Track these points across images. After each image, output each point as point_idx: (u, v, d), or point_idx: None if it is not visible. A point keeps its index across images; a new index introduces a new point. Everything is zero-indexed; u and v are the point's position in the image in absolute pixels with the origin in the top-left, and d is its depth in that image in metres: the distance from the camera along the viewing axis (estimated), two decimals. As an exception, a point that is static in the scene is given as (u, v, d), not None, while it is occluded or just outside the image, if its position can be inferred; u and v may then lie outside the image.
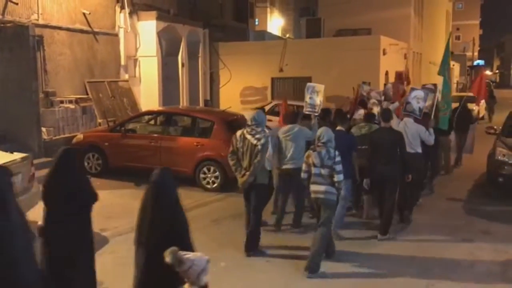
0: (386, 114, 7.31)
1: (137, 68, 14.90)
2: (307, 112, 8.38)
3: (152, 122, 11.25)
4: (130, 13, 14.35)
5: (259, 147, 6.14)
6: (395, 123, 7.72)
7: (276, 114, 15.49)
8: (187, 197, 5.10)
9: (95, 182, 9.78)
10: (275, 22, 26.16)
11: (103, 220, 7.63)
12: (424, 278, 5.79)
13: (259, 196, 6.36)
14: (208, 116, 10.25)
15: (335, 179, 5.75)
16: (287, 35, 24.96)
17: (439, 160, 10.42)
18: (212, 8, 19.13)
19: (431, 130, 7.97)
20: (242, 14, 21.82)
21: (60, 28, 12.23)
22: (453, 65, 41.23)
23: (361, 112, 9.05)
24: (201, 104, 16.81)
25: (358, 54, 17.30)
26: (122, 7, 14.12)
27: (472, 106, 13.48)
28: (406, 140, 7.25)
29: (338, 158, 5.78)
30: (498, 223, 7.89)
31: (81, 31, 12.94)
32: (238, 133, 6.41)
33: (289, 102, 16.10)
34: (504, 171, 8.93)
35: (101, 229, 7.24)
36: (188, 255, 3.26)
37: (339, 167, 5.76)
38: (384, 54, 18.19)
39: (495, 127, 10.72)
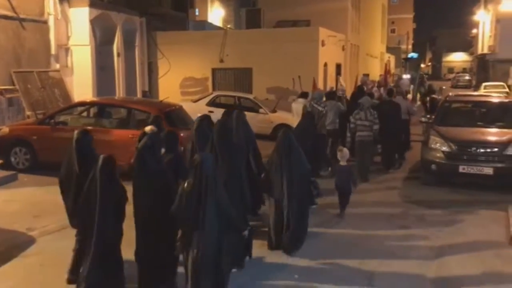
0: (390, 92, 11.87)
1: (69, 58, 14.11)
2: (339, 94, 12.39)
3: (85, 114, 10.70)
4: (61, -1, 13.55)
5: (324, 112, 10.30)
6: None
7: (218, 105, 15.36)
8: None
9: (22, 178, 9.39)
10: (215, 13, 25.76)
11: (31, 218, 7.20)
12: (364, 269, 5.76)
13: (323, 141, 10.04)
14: (144, 107, 9.87)
15: (375, 127, 9.52)
16: (228, 26, 24.66)
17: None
18: (150, -4, 18.50)
19: (414, 104, 12.68)
20: (182, 4, 21.25)
21: (-19, 13, 11.32)
22: (389, 57, 42.69)
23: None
24: (139, 95, 16.20)
25: (298, 46, 17.32)
26: (52, -7, 13.28)
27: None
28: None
29: (375, 115, 9.57)
30: (432, 209, 8.12)
31: (5, 17, 12.04)
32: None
33: (230, 94, 16.22)
34: (437, 159, 9.17)
35: (27, 229, 6.79)
36: (343, 149, 7.67)
37: (377, 121, 9.53)
38: (323, 45, 18.29)
39: (428, 116, 11.00)
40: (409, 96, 18.38)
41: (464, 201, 8.53)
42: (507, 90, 26.22)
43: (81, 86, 13.92)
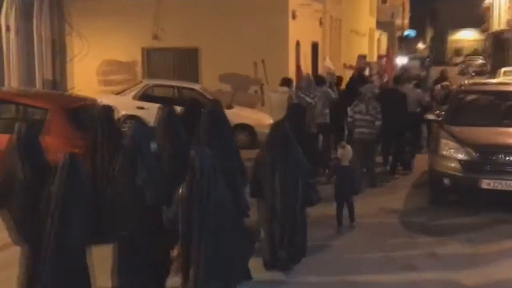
0: (397, 79, 13.08)
1: None
2: (327, 80, 13.10)
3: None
4: None
5: (313, 103, 11.06)
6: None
7: (151, 99, 15.07)
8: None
9: None
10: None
11: None
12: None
13: (316, 139, 11.13)
14: (41, 103, 9.41)
15: (377, 123, 10.08)
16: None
17: None
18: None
19: (427, 93, 13.77)
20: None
21: None
22: (380, 34, 43.07)
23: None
24: (41, 85, 15.49)
25: (260, 18, 17.14)
26: None
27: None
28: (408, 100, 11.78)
29: (378, 109, 10.12)
30: (446, 240, 7.92)
31: None
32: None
33: (168, 83, 16.03)
34: (451, 171, 8.99)
35: None
36: (346, 147, 8.46)
37: (380, 115, 10.08)
38: (293, 18, 18.20)
39: (436, 112, 10.90)
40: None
41: (489, 229, 8.34)
42: None
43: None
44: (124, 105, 14.40)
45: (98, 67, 18.16)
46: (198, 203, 4.62)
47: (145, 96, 15.06)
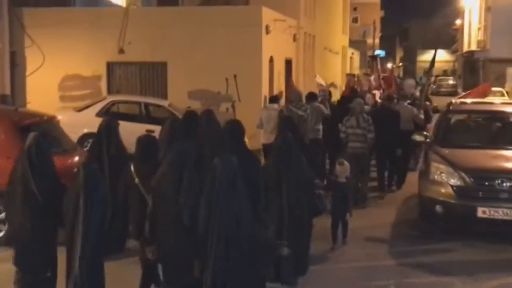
0: (389, 98, 12.81)
1: None
2: (320, 97, 13.35)
3: None
4: None
5: (305, 116, 11.22)
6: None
7: (115, 116, 14.29)
8: None
9: None
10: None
11: None
12: None
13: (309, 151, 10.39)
14: None
15: (369, 136, 10.34)
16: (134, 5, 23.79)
17: None
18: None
19: (421, 111, 13.26)
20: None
21: None
22: (352, 53, 43.14)
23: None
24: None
25: (232, 32, 17.06)
26: None
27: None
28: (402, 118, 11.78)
29: (370, 121, 10.44)
30: (441, 277, 7.45)
31: None
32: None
33: (133, 99, 15.70)
34: (443, 197, 8.66)
35: None
36: (344, 163, 8.62)
37: (372, 128, 10.37)
38: (267, 33, 18.08)
39: (424, 132, 10.68)
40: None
41: (488, 264, 7.90)
42: (506, 98, 26.78)
43: None
44: (86, 122, 13.95)
45: (59, 81, 17.76)
46: (214, 212, 4.63)
47: (109, 113, 14.51)
